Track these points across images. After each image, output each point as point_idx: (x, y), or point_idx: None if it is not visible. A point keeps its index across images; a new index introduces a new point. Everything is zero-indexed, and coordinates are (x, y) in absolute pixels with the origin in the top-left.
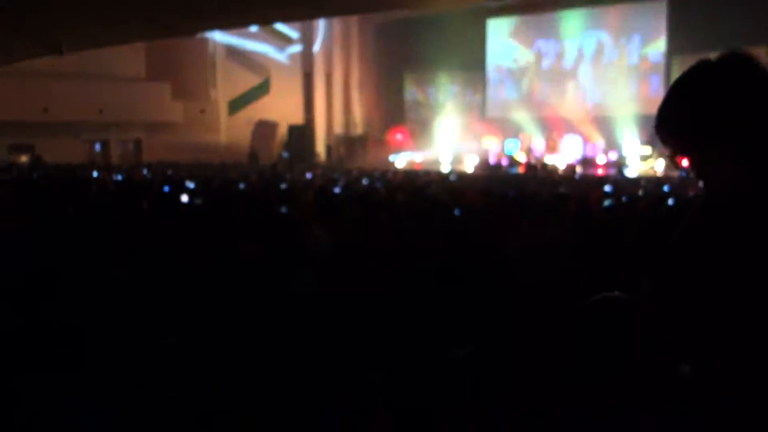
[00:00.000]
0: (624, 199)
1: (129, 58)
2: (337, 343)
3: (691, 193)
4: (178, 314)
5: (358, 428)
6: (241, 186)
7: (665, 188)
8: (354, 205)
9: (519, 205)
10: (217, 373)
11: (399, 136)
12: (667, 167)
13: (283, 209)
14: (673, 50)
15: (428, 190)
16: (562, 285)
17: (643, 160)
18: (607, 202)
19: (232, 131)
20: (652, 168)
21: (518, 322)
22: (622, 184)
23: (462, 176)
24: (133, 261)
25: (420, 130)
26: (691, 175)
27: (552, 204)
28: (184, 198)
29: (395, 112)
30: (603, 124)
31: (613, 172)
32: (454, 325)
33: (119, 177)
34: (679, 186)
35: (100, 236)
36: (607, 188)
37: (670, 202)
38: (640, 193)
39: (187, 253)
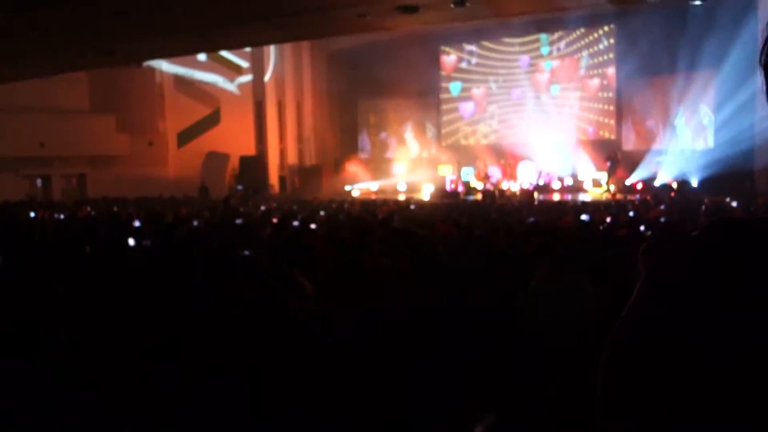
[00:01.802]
0: (601, 227)
1: (71, 89)
2: (333, 419)
3: (653, 216)
4: (128, 390)
5: None
6: (195, 223)
7: (630, 213)
8: (324, 243)
9: (501, 238)
10: None
11: (354, 168)
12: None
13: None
14: (621, 76)
15: (393, 222)
16: (587, 330)
17: (595, 186)
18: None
19: (181, 164)
20: (608, 192)
21: (543, 377)
22: (584, 209)
23: (421, 205)
24: (72, 323)
25: (375, 159)
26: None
27: (540, 237)
28: (131, 241)
29: (349, 140)
30: (557, 150)
31: (569, 197)
32: (472, 387)
33: (62, 216)
34: (642, 209)
35: (36, 293)
36: (584, 217)
37: (642, 228)
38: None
39: (137, 314)
